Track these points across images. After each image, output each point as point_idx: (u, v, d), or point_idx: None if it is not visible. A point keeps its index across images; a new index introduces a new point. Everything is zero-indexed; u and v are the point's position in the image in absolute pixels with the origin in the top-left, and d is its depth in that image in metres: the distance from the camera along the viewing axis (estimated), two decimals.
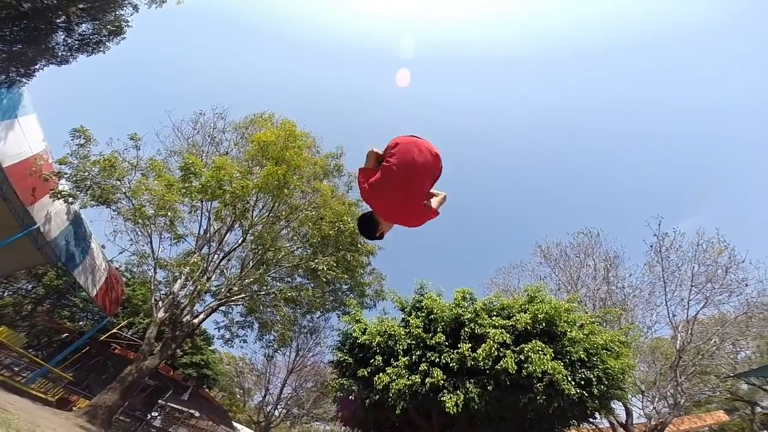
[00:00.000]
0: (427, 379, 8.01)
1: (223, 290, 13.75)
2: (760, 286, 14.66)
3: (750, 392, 23.29)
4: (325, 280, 13.03)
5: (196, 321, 13.25)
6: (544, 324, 7.98)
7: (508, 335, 7.80)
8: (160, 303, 12.43)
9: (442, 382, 7.91)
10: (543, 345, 7.49)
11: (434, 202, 2.22)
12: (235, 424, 28.99)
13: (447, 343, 8.40)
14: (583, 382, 7.67)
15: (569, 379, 7.41)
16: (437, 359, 8.18)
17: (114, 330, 17.88)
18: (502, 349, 7.66)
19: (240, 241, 14.20)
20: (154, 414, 20.76)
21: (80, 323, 21.74)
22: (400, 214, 2.16)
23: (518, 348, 7.66)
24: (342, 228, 12.36)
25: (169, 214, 12.01)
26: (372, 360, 8.94)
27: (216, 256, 13.76)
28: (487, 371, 7.73)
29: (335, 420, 13.01)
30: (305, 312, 15.41)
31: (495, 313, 8.63)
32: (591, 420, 11.94)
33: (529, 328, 7.92)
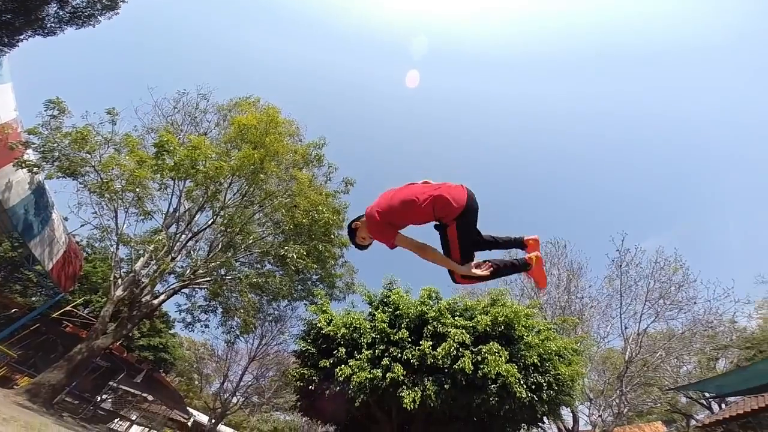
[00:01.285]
0: (388, 374, 8.14)
1: (187, 272, 13.41)
2: (707, 305, 15.73)
3: (687, 405, 24.81)
4: (294, 268, 12.90)
5: (156, 302, 12.84)
6: (503, 327, 8.27)
7: (468, 336, 8.04)
8: (119, 281, 11.94)
9: (402, 377, 8.06)
10: (500, 347, 7.76)
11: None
12: (190, 410, 28.31)
13: (410, 340, 8.57)
14: (534, 387, 8.00)
15: (522, 382, 7.72)
16: (399, 355, 8.33)
17: (68, 307, 16.87)
18: (461, 349, 7.89)
19: (209, 222, 13.83)
20: (105, 396, 19.94)
21: (32, 299, 20.52)
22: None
23: (476, 349, 7.90)
24: (316, 217, 12.30)
25: (137, 189, 11.62)
26: (335, 351, 9.00)
27: (184, 236, 13.35)
28: (446, 370, 7.94)
29: (294, 410, 12.97)
30: (271, 299, 15.16)
31: (458, 314, 8.87)
32: (540, 424, 12.48)
33: (488, 329, 8.19)
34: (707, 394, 16.54)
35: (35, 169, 10.67)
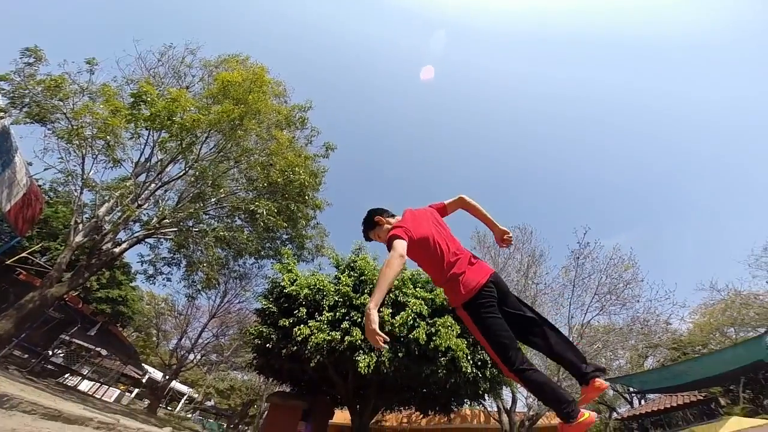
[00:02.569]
0: (346, 338, 8.12)
1: (153, 220, 12.73)
2: (648, 304, 16.70)
3: (613, 398, 26.60)
4: (263, 225, 12.55)
5: (117, 250, 12.07)
6: None
7: (426, 307, 8.13)
8: (80, 226, 11.21)
9: (360, 342, 8.06)
10: (453, 322, 7.89)
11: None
12: (145, 366, 27.55)
13: None
14: (480, 363, 8.22)
15: (469, 358, 7.90)
16: (360, 319, 8.31)
17: (24, 254, 15.72)
18: (417, 320, 7.98)
19: (181, 174, 13.18)
20: (57, 351, 18.85)
21: None
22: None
23: (432, 321, 8.00)
24: (292, 178, 12.03)
25: (108, 137, 10.92)
26: (296, 311, 8.88)
27: (153, 185, 12.68)
28: (402, 339, 8.01)
29: (250, 367, 12.83)
30: (237, 255, 14.74)
31: (420, 285, 8.92)
32: (482, 401, 12.96)
33: (445, 303, 8.32)
34: (631, 389, 17.71)
35: (1, 114, 9.81)
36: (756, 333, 20.72)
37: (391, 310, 8.14)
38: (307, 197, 13.40)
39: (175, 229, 12.94)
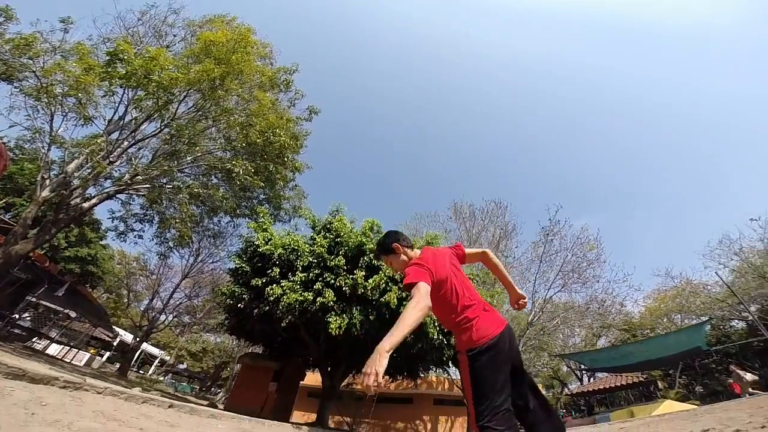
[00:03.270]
0: (318, 298, 7.97)
1: (125, 177, 12.06)
2: (606, 285, 17.43)
3: (566, 374, 28.02)
4: (240, 184, 12.21)
5: (86, 205, 11.48)
6: None
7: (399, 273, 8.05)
8: (47, 182, 10.50)
9: (332, 303, 7.94)
10: None
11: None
12: (116, 329, 26.75)
13: (345, 268, 8.42)
14: (446, 330, 8.28)
15: (435, 324, 7.94)
16: (333, 281, 8.17)
17: None
18: (390, 284, 7.92)
19: (156, 132, 12.47)
20: (24, 315, 17.87)
21: None
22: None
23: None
24: (272, 139, 11.65)
25: (80, 95, 10.28)
26: (269, 271, 8.62)
27: (126, 142, 11.99)
28: (374, 302, 7.95)
29: (222, 328, 12.61)
30: (211, 213, 14.29)
31: None
32: (447, 368, 13.29)
33: None
34: (582, 367, 18.59)
35: None
36: (699, 321, 22.07)
37: (364, 273, 8.06)
38: (286, 159, 13.06)
39: (148, 185, 12.33)
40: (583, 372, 24.65)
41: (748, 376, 12.84)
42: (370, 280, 7.86)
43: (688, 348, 15.80)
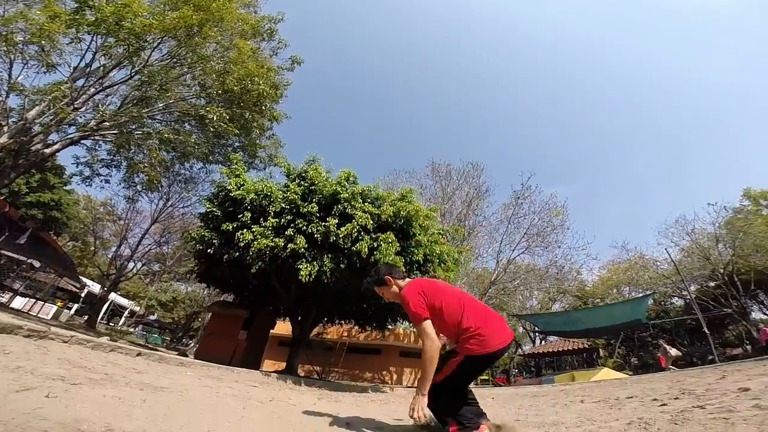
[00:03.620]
0: (289, 245, 7.88)
1: (91, 123, 11.41)
2: (567, 251, 18.46)
3: (521, 335, 29.85)
4: (213, 131, 11.78)
5: (48, 150, 10.86)
6: (402, 221, 8.44)
7: (372, 222, 8.12)
8: (5, 128, 9.82)
9: (303, 250, 7.90)
10: (394, 239, 7.94)
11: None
12: (84, 279, 25.83)
13: (318, 215, 8.33)
14: None
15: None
16: (305, 228, 8.09)
17: None
18: (362, 233, 7.91)
19: (126, 78, 11.74)
20: None
21: None
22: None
23: (375, 236, 8.05)
24: (250, 87, 11.20)
25: (43, 42, 9.47)
26: (240, 216, 8.42)
27: (93, 89, 11.30)
28: (345, 250, 7.95)
29: (191, 275, 12.48)
30: (183, 158, 13.80)
31: (369, 201, 8.83)
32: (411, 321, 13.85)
33: (390, 220, 8.32)
34: (536, 329, 19.83)
35: None
36: (644, 294, 23.77)
37: (337, 221, 8.08)
38: (264, 108, 12.71)
39: (116, 131, 11.69)
40: (536, 334, 26.33)
41: (673, 352, 14.15)
42: (343, 229, 7.85)
43: (630, 320, 16.87)
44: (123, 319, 30.72)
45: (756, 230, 22.05)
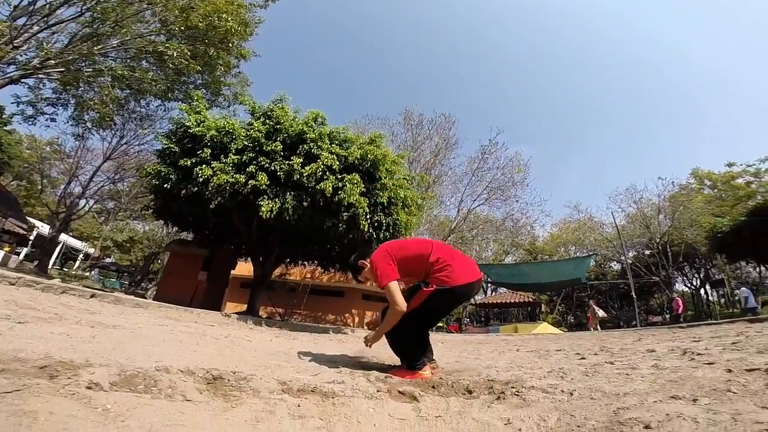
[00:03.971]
0: (251, 181, 7.66)
1: (34, 61, 10.21)
2: (524, 206, 19.44)
3: None
4: (173, 68, 10.73)
5: None
6: (369, 164, 8.36)
7: (338, 163, 7.95)
8: None
9: (265, 187, 7.70)
10: (359, 180, 7.89)
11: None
12: (32, 220, 23.86)
13: (282, 154, 8.08)
14: (376, 224, 8.55)
15: (368, 217, 8.11)
16: (268, 165, 7.85)
17: None
18: (327, 173, 7.79)
19: (76, 16, 10.47)
20: None
21: None
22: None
23: (341, 176, 7.89)
24: (216, 24, 10.34)
25: None
26: (200, 152, 7.98)
27: (36, 27, 10.13)
28: (309, 189, 7.84)
29: (147, 210, 11.74)
30: (138, 95, 12.64)
31: (337, 143, 8.59)
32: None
33: (356, 163, 8.22)
34: (489, 279, 21.06)
35: None
36: (587, 254, 25.67)
37: (301, 161, 7.77)
38: (231, 45, 11.78)
39: (62, 69, 10.55)
40: (488, 285, 28.11)
41: (600, 313, 15.55)
42: (307, 168, 7.66)
43: (572, 278, 18.15)
44: (78, 262, 29.00)
45: (694, 206, 24.07)
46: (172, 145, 8.49)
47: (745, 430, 0.88)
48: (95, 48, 10.34)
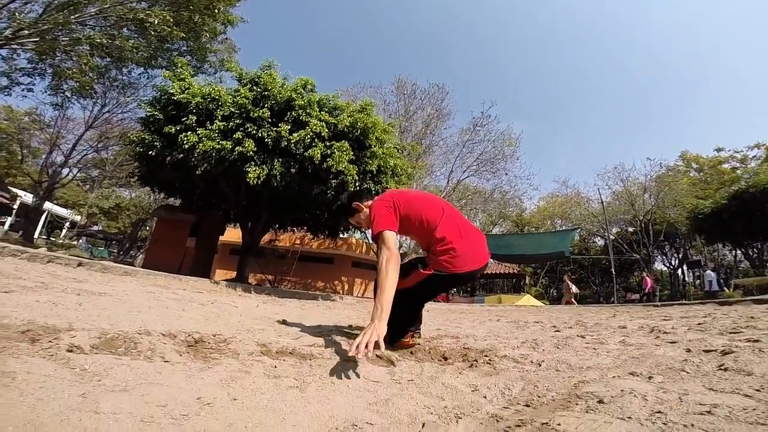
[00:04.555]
0: (237, 148, 7.47)
1: (6, 32, 9.60)
2: (513, 179, 19.61)
3: None
4: (155, 34, 10.17)
5: None
6: (359, 132, 8.23)
7: (327, 131, 7.79)
8: None
9: (252, 153, 7.53)
10: (348, 147, 7.78)
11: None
12: (14, 189, 23.08)
13: (270, 121, 7.87)
14: (365, 191, 8.45)
15: (357, 184, 8.03)
16: (255, 132, 7.64)
17: None
18: (316, 140, 7.64)
19: None
20: None
21: None
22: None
23: (330, 144, 7.76)
24: None
25: None
26: (185, 119, 7.74)
27: None
28: (297, 155, 7.72)
29: (132, 177, 11.44)
30: (119, 63, 12.04)
31: (327, 110, 8.40)
32: (364, 231, 14.18)
33: (346, 130, 8.08)
34: None
35: None
36: (572, 227, 26.17)
37: (289, 127, 7.58)
38: (217, 11, 11.14)
39: (37, 38, 9.93)
40: None
41: (574, 288, 15.93)
42: (295, 135, 7.49)
43: (556, 251, 18.28)
44: (64, 231, 28.26)
45: (679, 187, 24.56)
46: (156, 113, 8.23)
47: (688, 410, 0.91)
48: (72, 17, 9.74)
